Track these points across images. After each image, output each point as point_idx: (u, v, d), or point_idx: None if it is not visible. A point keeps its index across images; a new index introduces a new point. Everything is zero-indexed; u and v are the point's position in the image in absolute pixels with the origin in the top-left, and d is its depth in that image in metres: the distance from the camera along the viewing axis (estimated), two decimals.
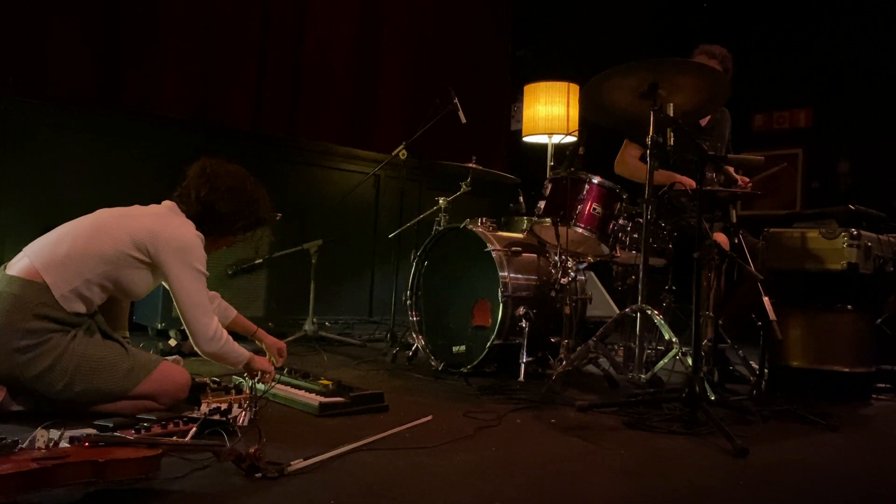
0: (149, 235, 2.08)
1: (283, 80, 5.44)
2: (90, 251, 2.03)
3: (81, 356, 1.98)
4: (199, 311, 2.14)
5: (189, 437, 1.75)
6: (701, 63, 2.72)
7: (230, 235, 2.33)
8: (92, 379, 1.98)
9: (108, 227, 2.08)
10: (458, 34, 6.60)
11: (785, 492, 1.75)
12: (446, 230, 3.45)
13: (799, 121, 6.54)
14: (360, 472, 1.69)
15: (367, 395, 2.34)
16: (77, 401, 1.99)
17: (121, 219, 2.12)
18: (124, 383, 2.03)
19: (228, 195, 2.23)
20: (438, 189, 3.93)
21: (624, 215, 2.99)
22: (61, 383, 1.95)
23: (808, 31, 6.13)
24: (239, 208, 2.26)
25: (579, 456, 1.96)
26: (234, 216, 2.26)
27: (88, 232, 2.07)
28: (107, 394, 2.01)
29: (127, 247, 2.06)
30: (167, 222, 2.14)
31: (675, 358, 2.67)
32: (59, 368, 1.94)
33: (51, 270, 1.98)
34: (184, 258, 2.11)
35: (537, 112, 4.51)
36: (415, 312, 3.47)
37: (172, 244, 2.09)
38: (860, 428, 2.56)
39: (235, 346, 2.25)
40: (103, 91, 4.50)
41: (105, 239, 2.05)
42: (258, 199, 2.31)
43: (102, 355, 2.03)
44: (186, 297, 2.12)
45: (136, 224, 2.10)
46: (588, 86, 2.83)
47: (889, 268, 3.12)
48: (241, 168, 2.33)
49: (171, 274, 2.10)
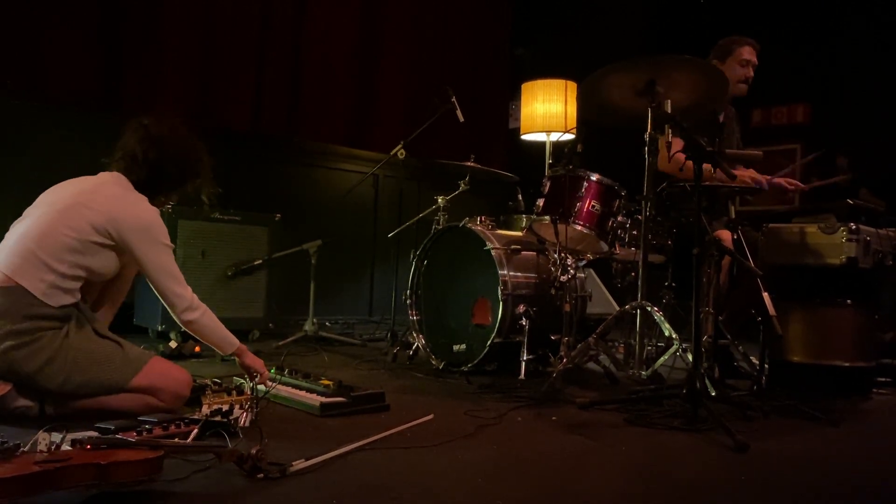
0: (109, 220, 2.08)
1: (283, 81, 5.43)
2: (54, 244, 2.03)
3: (77, 350, 2.03)
4: (172, 281, 2.16)
5: (191, 438, 1.75)
6: (698, 59, 2.72)
7: (176, 192, 2.34)
8: (89, 371, 2.03)
9: (66, 218, 2.06)
10: (457, 33, 6.59)
11: (786, 487, 1.75)
12: (445, 229, 3.45)
13: (797, 116, 6.53)
14: (361, 472, 1.69)
15: (368, 394, 2.35)
16: (78, 393, 2.03)
17: (78, 209, 2.08)
18: (122, 372, 2.07)
19: (175, 154, 2.24)
20: (437, 188, 3.93)
21: (623, 212, 3.00)
22: (61, 377, 2.00)
23: (806, 26, 6.12)
24: (186, 165, 2.28)
25: (581, 453, 1.96)
26: (183, 174, 2.28)
27: (48, 225, 2.05)
28: (106, 384, 2.05)
29: (89, 234, 2.07)
30: (124, 203, 2.14)
31: (675, 354, 2.67)
32: (57, 363, 1.99)
33: (22, 273, 1.99)
34: (148, 236, 2.13)
35: (535, 110, 4.51)
36: (415, 311, 3.48)
37: (135, 224, 2.11)
38: (861, 423, 2.56)
39: (221, 325, 2.26)
40: (102, 93, 4.50)
41: (65, 231, 2.05)
42: (200, 154, 2.32)
43: (97, 348, 2.08)
44: (157, 270, 2.15)
45: (92, 211, 2.08)
46: (585, 84, 2.83)
47: (888, 262, 3.12)
48: (176, 120, 2.33)
49: (139, 252, 2.13)
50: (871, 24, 5.79)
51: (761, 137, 6.33)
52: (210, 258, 3.90)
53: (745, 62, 3.42)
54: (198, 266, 3.83)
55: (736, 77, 3.38)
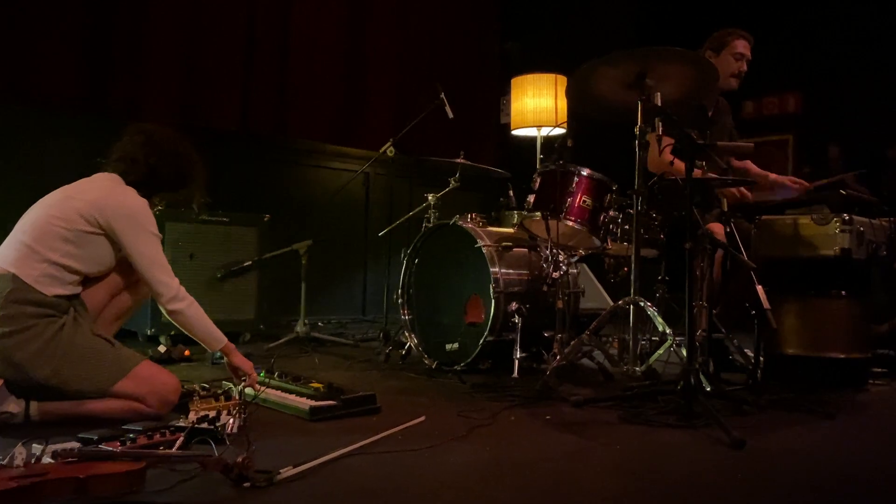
0: (95, 207, 2.12)
1: (271, 80, 5.38)
2: (45, 234, 2.07)
3: (69, 344, 2.03)
4: (159, 270, 2.17)
5: (176, 446, 1.72)
6: (687, 51, 2.69)
7: (167, 195, 2.37)
8: (79, 366, 2.03)
9: (56, 210, 2.12)
10: (445, 29, 6.55)
11: (784, 484, 1.73)
12: (436, 227, 3.42)
13: (788, 105, 6.52)
14: (351, 478, 1.65)
15: (359, 397, 2.31)
16: (65, 389, 2.02)
17: (66, 200, 2.14)
18: (112, 371, 2.06)
19: (172, 159, 2.29)
20: (428, 185, 3.89)
21: (614, 207, 2.96)
22: (49, 368, 1.99)
23: (795, 14, 6.10)
24: (182, 171, 2.32)
25: (575, 453, 1.93)
26: (178, 179, 2.32)
27: (39, 219, 2.11)
28: (94, 383, 2.04)
29: (79, 224, 2.10)
30: (111, 192, 2.18)
31: (669, 349, 2.65)
32: (47, 354, 1.99)
33: (14, 262, 2.04)
34: (135, 223, 2.14)
35: (525, 105, 4.47)
36: (407, 311, 3.44)
37: (121, 212, 2.13)
38: (858, 415, 2.54)
39: (208, 320, 2.25)
40: (89, 95, 4.45)
41: (55, 222, 2.08)
42: (195, 161, 2.36)
43: (90, 344, 2.07)
44: (144, 258, 2.16)
45: (80, 202, 2.12)
46: (574, 77, 2.79)
47: (882, 252, 3.10)
48: (174, 130, 2.38)
49: (127, 240, 2.14)
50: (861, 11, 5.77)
51: (754, 128, 6.32)
52: (199, 260, 3.85)
53: (739, 55, 3.39)
54: (186, 269, 3.78)
55: (729, 70, 3.35)
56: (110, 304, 2.34)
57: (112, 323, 2.37)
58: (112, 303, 2.34)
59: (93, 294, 2.25)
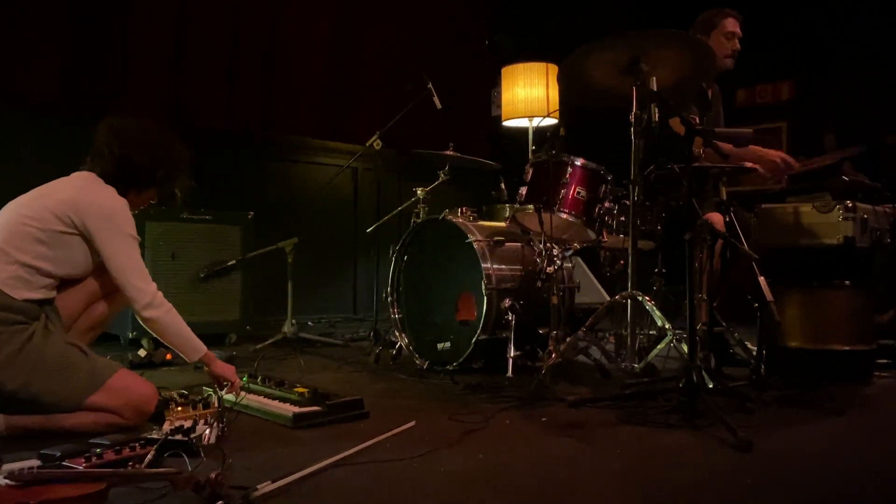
0: (70, 206, 2.01)
1: (256, 74, 5.27)
2: (16, 236, 1.97)
3: (40, 353, 1.91)
4: (135, 275, 2.06)
5: (146, 462, 1.60)
6: (683, 34, 2.58)
7: (152, 188, 2.24)
8: (50, 378, 1.91)
9: (28, 210, 2.01)
10: (435, 19, 6.42)
11: (794, 489, 1.62)
12: (425, 222, 3.30)
13: (782, 93, 6.43)
14: (334, 492, 1.54)
15: (345, 402, 2.20)
16: (37, 402, 1.89)
17: (39, 199, 2.04)
18: (85, 384, 1.94)
19: (142, 145, 2.16)
20: (417, 179, 3.77)
21: (610, 198, 2.86)
22: (18, 381, 1.86)
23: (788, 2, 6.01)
24: (155, 156, 2.19)
25: (571, 459, 1.83)
26: (153, 165, 2.19)
27: (10, 221, 2.00)
28: (66, 396, 1.92)
29: (52, 223, 2.00)
30: (87, 190, 2.08)
31: (669, 345, 2.55)
32: (15, 365, 1.86)
33: None
34: (111, 224, 2.04)
35: (516, 95, 4.37)
36: (397, 309, 3.33)
37: (96, 210, 2.03)
38: (865, 410, 2.45)
39: (186, 328, 2.13)
40: (71, 94, 4.34)
41: (27, 222, 1.99)
42: (172, 146, 2.24)
43: (62, 355, 1.95)
44: (119, 262, 2.05)
45: (53, 201, 2.03)
46: (566, 64, 2.68)
47: (886, 240, 3.01)
48: (147, 119, 2.29)
49: (101, 241, 2.04)
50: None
51: (747, 117, 6.23)
52: (181, 260, 3.73)
53: (730, 34, 3.28)
54: (168, 269, 3.66)
55: (722, 51, 3.24)
56: (86, 313, 2.22)
57: (86, 333, 2.25)
58: (87, 311, 2.22)
59: (68, 299, 2.14)
